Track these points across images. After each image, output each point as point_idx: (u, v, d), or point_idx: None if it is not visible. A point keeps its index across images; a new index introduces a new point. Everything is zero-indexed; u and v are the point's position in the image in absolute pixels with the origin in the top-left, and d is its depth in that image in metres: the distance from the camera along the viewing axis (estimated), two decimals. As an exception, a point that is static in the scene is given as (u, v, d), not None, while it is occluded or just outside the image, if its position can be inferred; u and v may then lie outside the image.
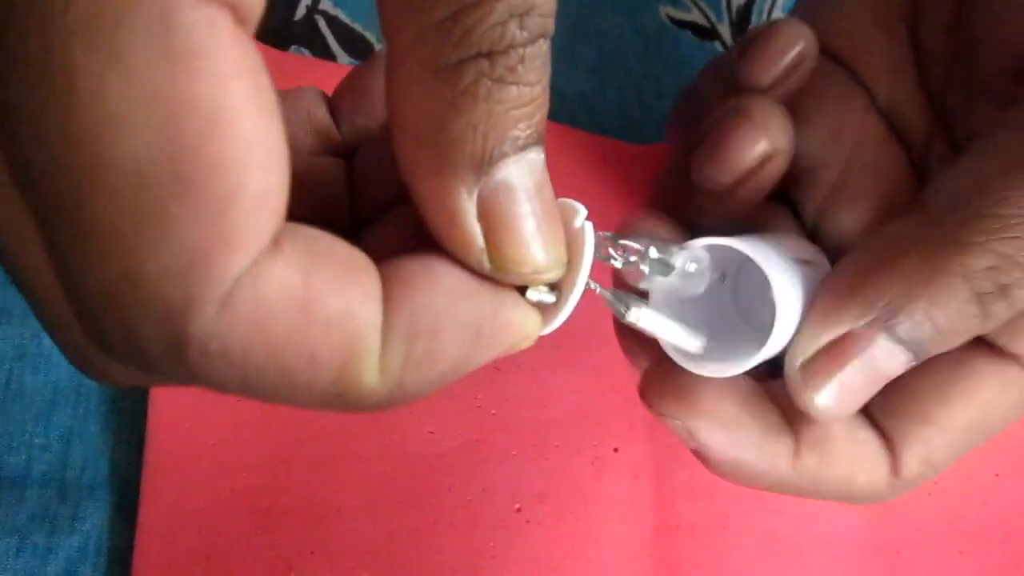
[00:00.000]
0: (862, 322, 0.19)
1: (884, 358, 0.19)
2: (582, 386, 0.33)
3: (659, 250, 0.19)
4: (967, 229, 0.19)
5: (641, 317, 0.20)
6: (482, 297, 0.16)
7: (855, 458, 0.22)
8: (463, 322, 0.16)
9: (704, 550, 0.32)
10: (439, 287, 0.16)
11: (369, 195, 0.20)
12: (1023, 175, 0.19)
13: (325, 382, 0.15)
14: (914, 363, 0.20)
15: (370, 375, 0.15)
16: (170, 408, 0.32)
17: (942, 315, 0.19)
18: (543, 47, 0.15)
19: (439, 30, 0.14)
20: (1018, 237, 0.18)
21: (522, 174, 0.16)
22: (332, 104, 0.22)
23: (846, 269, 0.21)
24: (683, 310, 0.22)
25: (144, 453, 0.32)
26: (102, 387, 0.33)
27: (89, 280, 0.13)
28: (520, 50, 0.15)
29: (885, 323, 0.19)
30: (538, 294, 0.17)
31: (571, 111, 0.39)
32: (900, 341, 0.19)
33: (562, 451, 0.33)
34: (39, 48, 0.12)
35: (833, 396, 0.20)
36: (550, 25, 0.15)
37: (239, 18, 0.13)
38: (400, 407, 0.32)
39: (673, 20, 0.42)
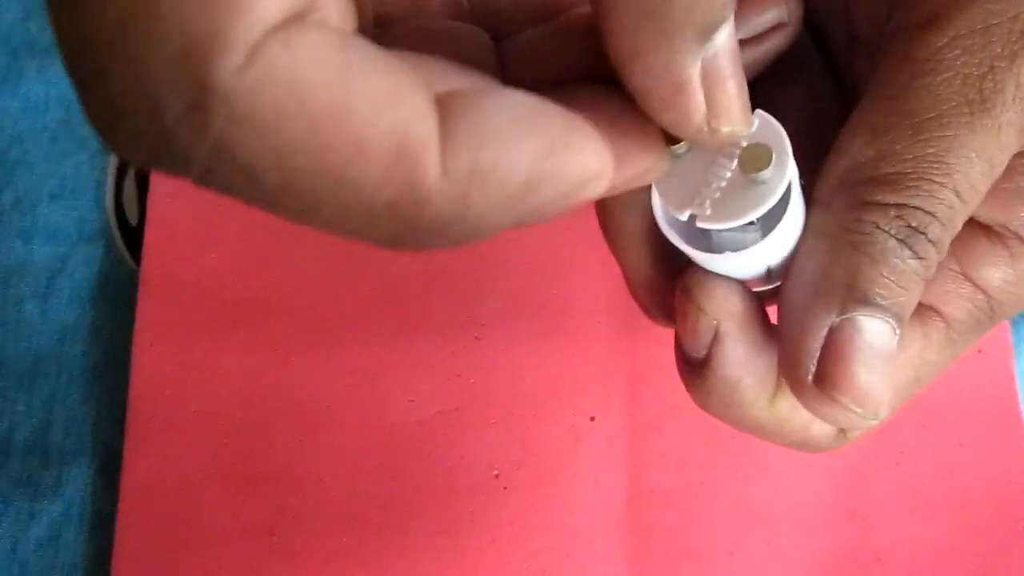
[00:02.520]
0: (835, 315, 0.19)
1: (876, 335, 0.19)
2: (560, 356, 0.34)
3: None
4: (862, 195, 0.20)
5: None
6: (555, 116, 0.15)
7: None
8: (535, 133, 0.15)
9: (676, 516, 0.33)
10: (509, 97, 0.15)
11: (520, 77, 0.19)
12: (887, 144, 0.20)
13: (377, 175, 0.13)
14: (899, 329, 0.20)
15: (432, 173, 0.14)
16: (152, 376, 0.33)
17: (888, 270, 0.19)
18: None
19: None
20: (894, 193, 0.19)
21: (730, 35, 0.16)
22: None
23: (792, 285, 0.21)
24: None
25: (126, 420, 0.32)
26: (84, 355, 0.33)
27: (93, 19, 0.12)
28: None
29: (855, 305, 0.19)
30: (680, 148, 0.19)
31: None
32: (876, 312, 0.19)
33: (539, 420, 0.33)
34: None
35: (867, 394, 0.19)
36: None
37: None
38: (380, 377, 0.33)
39: None
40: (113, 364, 0.33)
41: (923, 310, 0.22)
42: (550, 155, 0.15)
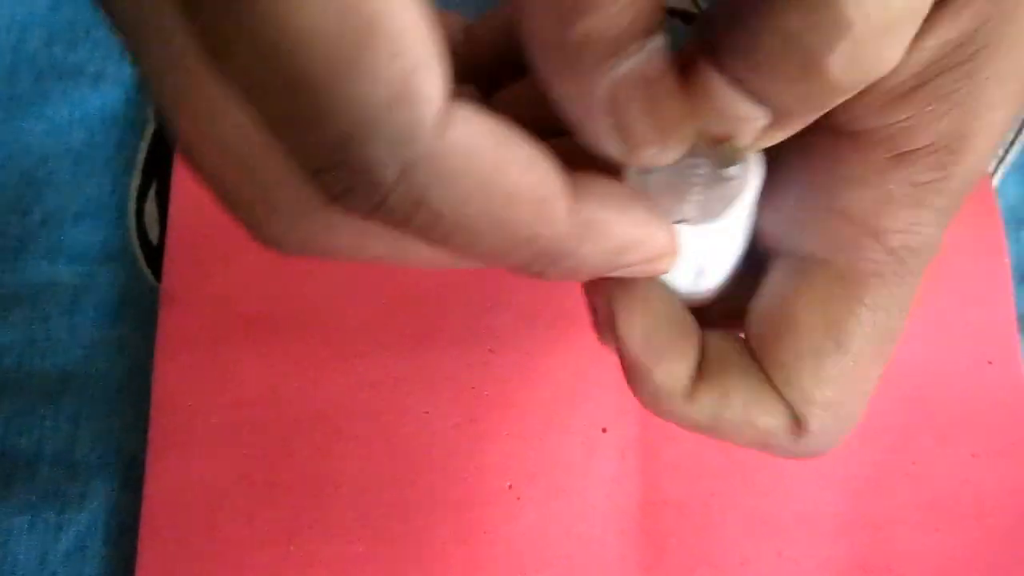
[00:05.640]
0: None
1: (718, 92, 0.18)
2: (572, 369, 0.35)
3: None
4: None
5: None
6: (645, 203, 0.19)
7: (751, 400, 0.22)
8: (636, 209, 0.19)
9: (689, 525, 0.33)
10: (610, 180, 0.19)
11: None
12: None
13: (525, 216, 0.17)
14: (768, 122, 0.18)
15: (561, 217, 0.17)
16: (173, 388, 0.34)
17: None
18: None
19: None
20: None
21: (642, 62, 0.17)
22: (470, 32, 0.24)
23: None
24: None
25: (148, 432, 0.33)
26: (109, 371, 0.34)
27: (322, 134, 0.15)
28: None
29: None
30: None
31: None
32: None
33: (553, 431, 0.34)
34: None
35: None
36: None
37: None
38: (397, 389, 0.33)
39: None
40: (137, 379, 0.34)
41: (802, 262, 0.22)
42: (643, 227, 0.19)
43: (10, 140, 0.36)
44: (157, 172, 0.37)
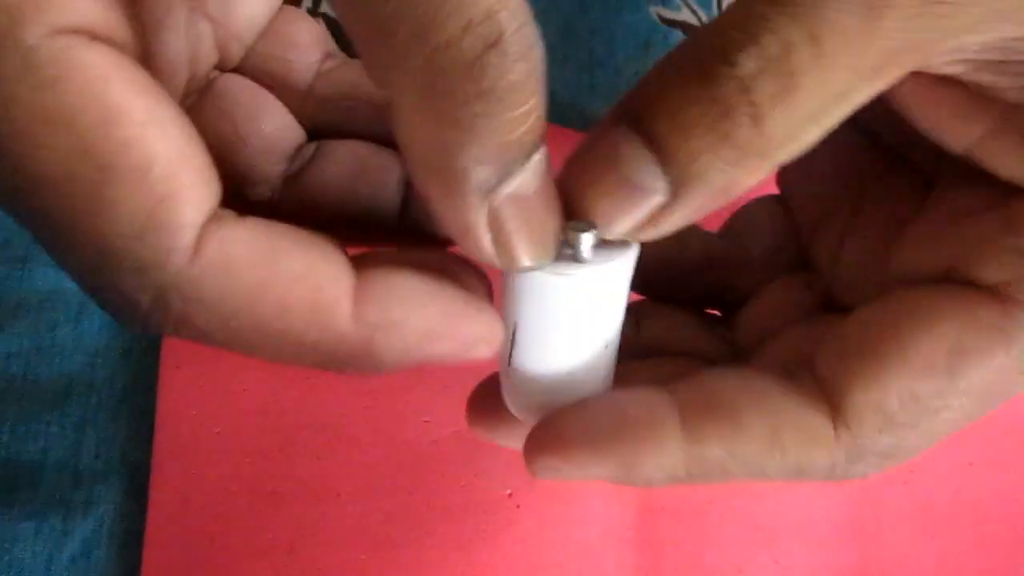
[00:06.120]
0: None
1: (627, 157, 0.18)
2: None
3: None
4: None
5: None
6: (452, 293, 0.18)
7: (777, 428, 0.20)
8: (433, 304, 0.18)
9: (686, 532, 0.34)
10: (411, 276, 0.18)
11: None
12: None
13: (299, 326, 0.17)
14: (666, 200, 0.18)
15: (343, 322, 0.17)
16: (177, 398, 0.34)
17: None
18: (527, 64, 0.15)
19: (420, 74, 0.15)
20: None
21: (525, 181, 0.17)
22: None
23: None
24: None
25: (153, 441, 0.34)
26: (113, 378, 0.35)
27: (76, 261, 0.16)
28: (503, 79, 0.15)
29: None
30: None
31: (562, 111, 0.40)
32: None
33: (551, 439, 0.34)
34: None
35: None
36: (527, 38, 0.15)
37: (99, 37, 0.15)
38: (396, 397, 0.34)
39: (664, 20, 0.43)
40: (141, 386, 0.35)
41: (973, 289, 0.19)
42: (445, 320, 0.18)
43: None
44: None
